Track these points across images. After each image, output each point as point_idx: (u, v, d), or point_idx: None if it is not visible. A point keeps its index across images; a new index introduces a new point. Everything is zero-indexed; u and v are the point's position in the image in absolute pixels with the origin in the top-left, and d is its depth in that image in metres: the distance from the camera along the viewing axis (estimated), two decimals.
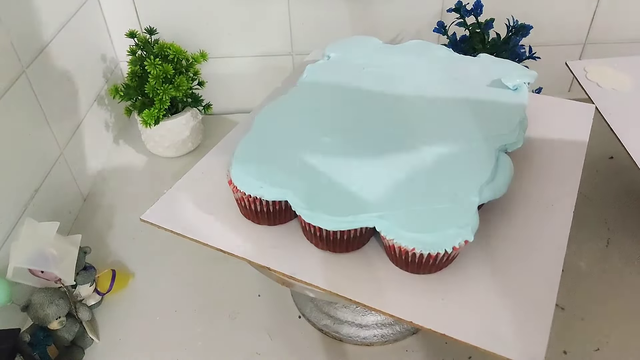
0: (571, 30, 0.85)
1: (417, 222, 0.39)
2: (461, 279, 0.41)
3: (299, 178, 0.43)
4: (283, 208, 0.45)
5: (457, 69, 0.57)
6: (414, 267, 0.41)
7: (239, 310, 0.63)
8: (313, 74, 0.57)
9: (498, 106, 0.51)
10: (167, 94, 0.75)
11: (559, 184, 0.49)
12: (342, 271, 0.43)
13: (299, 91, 0.55)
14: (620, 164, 0.77)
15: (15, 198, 0.62)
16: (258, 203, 0.44)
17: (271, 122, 0.50)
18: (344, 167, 0.44)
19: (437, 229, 0.38)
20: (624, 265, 0.65)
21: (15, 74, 0.62)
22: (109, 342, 0.60)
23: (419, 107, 0.52)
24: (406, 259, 0.40)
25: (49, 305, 0.55)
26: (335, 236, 0.41)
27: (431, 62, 0.58)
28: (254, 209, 0.45)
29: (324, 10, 0.84)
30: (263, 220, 0.46)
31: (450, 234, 0.38)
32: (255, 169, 0.44)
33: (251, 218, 0.47)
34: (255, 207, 0.45)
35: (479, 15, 0.77)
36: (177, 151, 0.85)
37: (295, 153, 0.46)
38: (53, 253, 0.56)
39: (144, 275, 0.67)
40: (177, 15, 0.86)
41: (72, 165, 0.75)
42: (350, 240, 0.42)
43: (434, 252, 0.38)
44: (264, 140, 0.48)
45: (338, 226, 0.40)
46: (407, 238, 0.38)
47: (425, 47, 0.61)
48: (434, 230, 0.38)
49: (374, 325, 0.58)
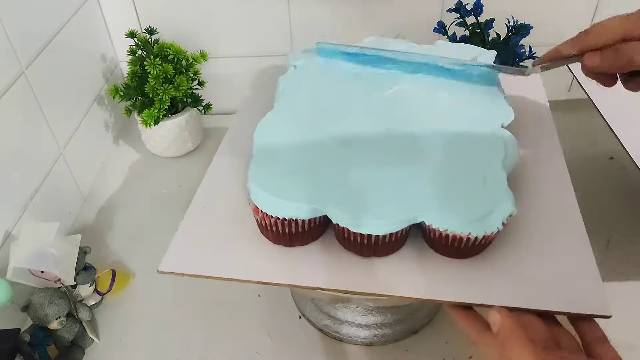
0: (571, 30, 0.85)
1: (465, 208, 0.41)
2: (505, 255, 0.44)
3: (331, 191, 0.42)
4: (317, 224, 0.44)
5: None
6: (466, 251, 0.42)
7: (239, 310, 0.63)
8: (290, 84, 0.55)
9: (482, 89, 0.54)
10: (167, 94, 0.75)
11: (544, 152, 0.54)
12: (395, 273, 0.43)
13: (286, 103, 0.53)
14: (620, 164, 0.77)
15: (15, 198, 0.62)
16: (293, 225, 0.43)
17: (274, 138, 0.48)
18: (371, 173, 0.44)
19: (485, 211, 0.40)
20: (624, 265, 0.65)
21: (14, 75, 0.62)
22: (109, 342, 0.60)
23: (413, 104, 0.52)
24: (459, 246, 0.42)
25: (49, 305, 0.55)
26: (384, 239, 0.42)
27: None
28: (288, 231, 0.43)
29: (324, 10, 0.84)
30: (297, 241, 0.45)
31: (496, 212, 0.40)
32: (282, 191, 0.42)
33: (283, 242, 0.45)
34: (290, 229, 0.43)
35: (479, 15, 0.77)
36: (177, 151, 0.85)
37: (316, 166, 0.45)
38: (53, 253, 0.56)
39: (144, 275, 0.67)
40: (177, 15, 0.86)
41: (72, 165, 0.75)
42: (397, 240, 0.43)
43: (488, 233, 0.40)
44: (276, 160, 0.46)
45: (388, 229, 0.41)
46: (460, 225, 0.40)
47: (386, 44, 0.60)
48: (482, 213, 0.40)
49: (374, 325, 0.58)
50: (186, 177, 0.82)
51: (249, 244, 0.46)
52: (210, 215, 0.49)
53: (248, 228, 0.47)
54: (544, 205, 0.48)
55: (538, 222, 0.46)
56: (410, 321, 0.59)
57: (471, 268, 0.43)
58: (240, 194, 0.49)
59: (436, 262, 0.44)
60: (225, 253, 0.46)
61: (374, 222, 0.40)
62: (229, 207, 0.49)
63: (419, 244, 0.45)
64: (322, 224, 0.44)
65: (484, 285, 0.42)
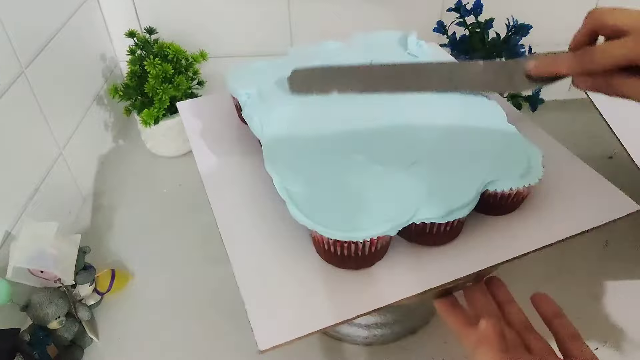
0: (571, 30, 0.85)
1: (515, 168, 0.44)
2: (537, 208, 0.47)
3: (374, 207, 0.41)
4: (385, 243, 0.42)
5: None
6: (504, 208, 0.46)
7: (239, 310, 0.62)
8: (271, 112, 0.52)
9: None
10: (166, 94, 0.75)
11: None
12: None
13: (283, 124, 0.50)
14: (620, 164, 0.77)
15: (15, 198, 0.62)
16: (360, 246, 0.40)
17: (290, 158, 0.45)
18: (402, 180, 0.43)
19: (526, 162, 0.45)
20: (622, 265, 0.65)
21: (14, 74, 0.62)
22: (108, 341, 0.60)
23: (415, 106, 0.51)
24: (501, 201, 0.45)
25: (49, 305, 0.55)
26: (447, 229, 0.42)
27: (398, 57, 0.58)
28: (360, 252, 0.41)
29: (324, 10, 0.84)
30: (365, 263, 0.42)
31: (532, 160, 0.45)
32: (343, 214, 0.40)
33: (354, 266, 0.42)
34: (364, 249, 0.41)
35: (479, 15, 0.77)
36: (176, 151, 0.85)
37: (345, 181, 0.43)
38: (53, 253, 0.56)
39: (144, 275, 0.67)
40: (177, 14, 0.86)
41: (72, 165, 0.75)
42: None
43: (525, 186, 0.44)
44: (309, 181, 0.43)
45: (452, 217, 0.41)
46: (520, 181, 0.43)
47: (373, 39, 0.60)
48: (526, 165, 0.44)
49: (374, 325, 0.58)
50: (186, 177, 0.82)
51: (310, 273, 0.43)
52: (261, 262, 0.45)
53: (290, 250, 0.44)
54: None
55: None
56: (409, 321, 0.59)
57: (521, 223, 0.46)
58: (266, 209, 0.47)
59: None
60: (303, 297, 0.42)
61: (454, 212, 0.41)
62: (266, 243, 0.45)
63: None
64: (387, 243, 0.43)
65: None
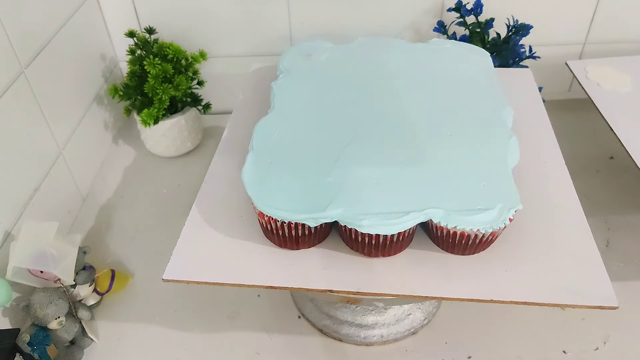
0: (571, 30, 0.85)
1: (472, 205, 0.41)
2: (511, 250, 0.44)
3: (341, 193, 0.42)
4: (324, 226, 0.44)
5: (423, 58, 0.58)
6: (473, 248, 0.43)
7: (239, 310, 0.62)
8: (283, 90, 0.55)
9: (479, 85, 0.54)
10: (166, 94, 0.75)
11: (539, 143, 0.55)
12: (403, 272, 0.43)
13: (282, 106, 0.52)
14: (620, 164, 0.77)
15: (15, 198, 0.62)
16: (300, 228, 0.42)
17: (273, 142, 0.48)
18: (376, 172, 0.44)
19: (490, 207, 0.41)
20: (624, 265, 0.65)
21: (14, 74, 0.61)
22: (108, 342, 0.60)
23: (411, 101, 0.52)
24: (466, 243, 0.42)
25: (49, 305, 0.55)
26: (392, 239, 0.42)
27: (396, 56, 0.59)
28: (295, 234, 0.43)
29: (324, 10, 0.84)
30: (303, 244, 0.45)
31: (502, 208, 0.41)
32: (289, 196, 0.42)
33: (289, 245, 0.45)
34: (297, 232, 0.43)
35: (479, 15, 0.77)
36: (176, 151, 0.85)
37: (320, 168, 0.45)
38: (52, 253, 0.56)
39: (144, 275, 0.67)
40: (177, 14, 0.85)
41: (72, 165, 0.75)
42: (404, 240, 0.43)
43: (495, 229, 0.41)
44: (283, 164, 0.46)
45: (397, 228, 0.41)
46: (468, 222, 0.40)
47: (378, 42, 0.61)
48: (488, 208, 0.41)
49: (373, 325, 0.58)
50: (185, 177, 0.82)
51: (253, 247, 0.46)
52: (213, 220, 0.48)
53: (251, 231, 0.47)
54: (545, 200, 0.48)
55: (541, 217, 0.47)
56: (409, 321, 0.59)
57: (478, 264, 0.43)
58: (242, 196, 0.49)
59: (443, 259, 0.44)
60: (229, 258, 0.45)
61: (383, 222, 0.40)
62: (231, 210, 0.49)
63: (424, 241, 0.46)
64: (329, 225, 0.44)
65: (490, 282, 0.42)
